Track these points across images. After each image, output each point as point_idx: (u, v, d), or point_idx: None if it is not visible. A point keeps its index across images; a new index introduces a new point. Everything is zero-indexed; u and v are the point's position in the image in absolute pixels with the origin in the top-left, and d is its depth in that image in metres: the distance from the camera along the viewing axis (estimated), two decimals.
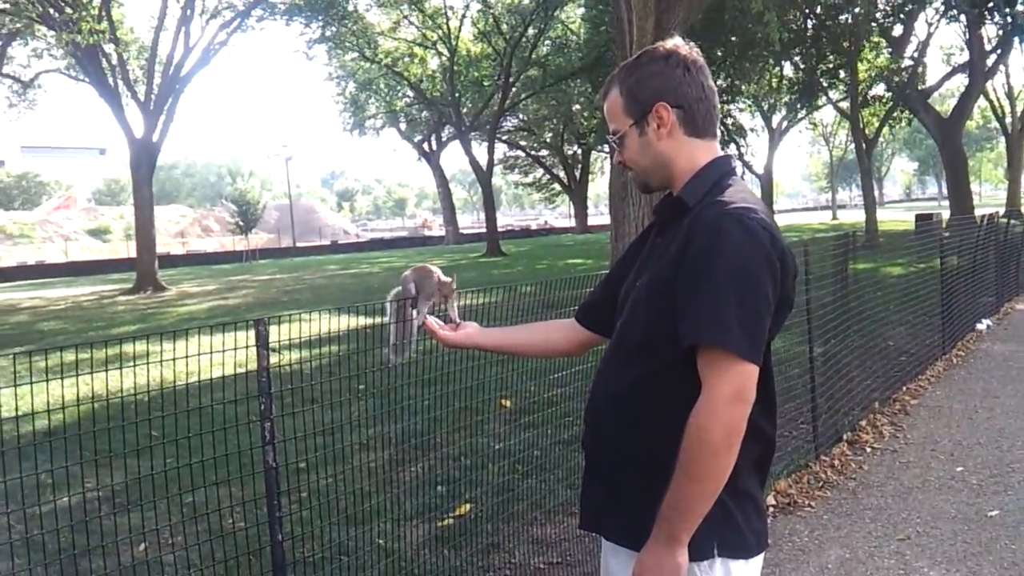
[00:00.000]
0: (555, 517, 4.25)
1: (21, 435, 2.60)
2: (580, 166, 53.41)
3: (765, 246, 1.64)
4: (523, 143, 53.68)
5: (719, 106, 1.87)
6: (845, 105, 32.58)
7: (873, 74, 29.96)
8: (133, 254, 30.02)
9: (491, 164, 40.86)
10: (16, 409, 2.65)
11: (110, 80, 25.49)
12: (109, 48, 25.32)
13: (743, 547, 1.73)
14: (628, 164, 1.89)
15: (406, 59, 40.95)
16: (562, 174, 54.45)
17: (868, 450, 5.81)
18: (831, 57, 28.68)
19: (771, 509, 4.73)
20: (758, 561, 1.79)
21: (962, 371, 8.35)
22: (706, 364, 1.62)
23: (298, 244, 58.59)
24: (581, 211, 58.21)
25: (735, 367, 1.59)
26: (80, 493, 3.95)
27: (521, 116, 48.70)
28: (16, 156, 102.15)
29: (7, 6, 23.96)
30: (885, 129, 33.71)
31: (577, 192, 55.22)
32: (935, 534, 4.38)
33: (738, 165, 2.06)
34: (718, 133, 1.89)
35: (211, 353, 2.73)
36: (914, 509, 4.73)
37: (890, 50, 28.79)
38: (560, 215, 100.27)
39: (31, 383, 2.47)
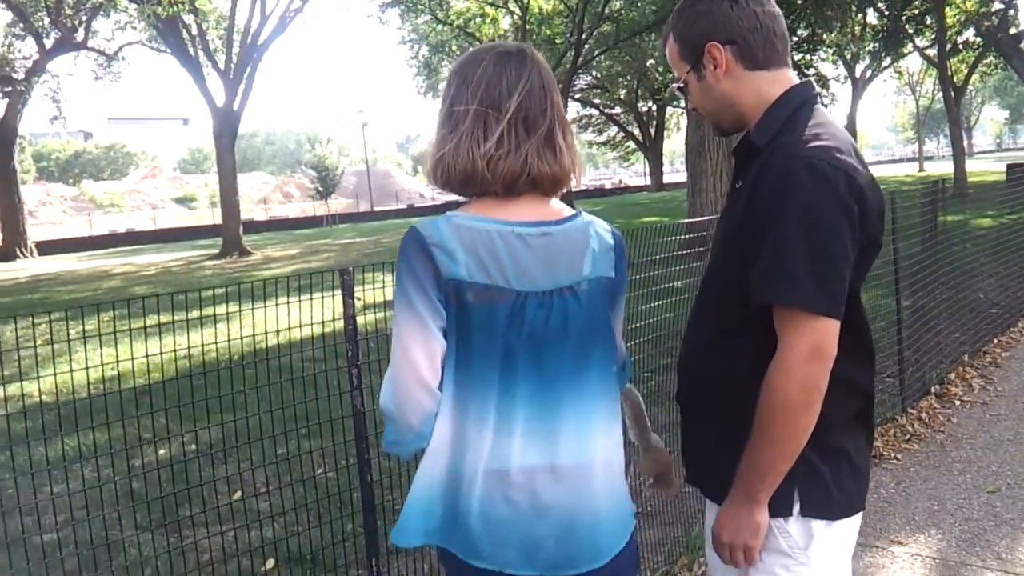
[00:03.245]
0: (630, 469, 4.27)
1: (118, 391, 2.73)
2: (655, 122, 52.59)
3: (839, 189, 1.53)
4: (596, 101, 53.04)
5: (785, 32, 1.74)
6: (932, 52, 31.34)
7: (962, 19, 28.70)
8: (218, 221, 30.88)
9: None
10: (117, 366, 2.78)
11: (190, 50, 26.09)
12: (188, 19, 25.89)
13: (828, 507, 1.65)
14: (698, 110, 1.82)
15: (478, 19, 40.73)
16: (637, 131, 53.72)
17: (957, 403, 5.67)
18: (917, 2, 27.58)
19: None
20: (848, 524, 1.69)
21: None
22: (780, 322, 1.55)
23: (375, 208, 59.34)
24: (656, 168, 57.38)
25: (810, 324, 1.51)
26: (180, 443, 4.12)
27: (594, 73, 48.09)
28: (104, 127, 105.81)
29: None
30: (975, 76, 32.31)
31: (652, 149, 54.44)
32: None
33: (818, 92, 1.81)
34: (789, 60, 1.76)
35: (299, 301, 2.82)
36: (1005, 462, 4.62)
37: None
38: (635, 173, 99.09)
39: (131, 342, 2.59)
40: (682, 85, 1.81)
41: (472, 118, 1.58)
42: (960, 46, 30.47)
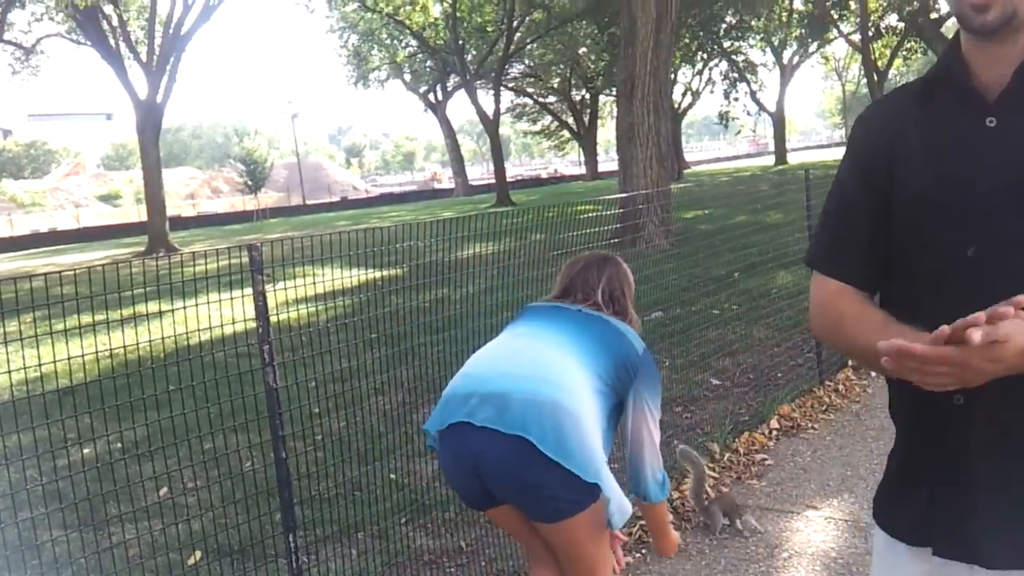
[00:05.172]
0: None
1: (42, 393, 2.71)
2: (589, 111, 52.80)
3: None
4: (530, 90, 53.09)
5: None
6: (856, 38, 32.11)
7: (884, 4, 29.46)
8: (144, 218, 30.20)
9: (498, 113, 40.52)
10: (40, 368, 2.76)
11: (111, 42, 25.42)
12: (108, 9, 25.22)
13: None
14: None
15: (407, 7, 40.43)
16: (571, 120, 53.92)
17: (873, 374, 5.88)
18: None
19: (774, 432, 4.85)
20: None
21: None
22: None
23: (308, 202, 58.60)
24: (591, 157, 57.50)
25: None
26: (104, 442, 4.08)
27: (527, 62, 48.15)
28: (23, 124, 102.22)
29: None
30: (898, 61, 33.25)
31: (586, 138, 54.63)
32: None
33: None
34: None
35: (231, 299, 2.82)
36: None
37: None
38: (570, 163, 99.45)
39: (52, 344, 2.57)
40: None
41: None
42: (883, 31, 31.26)
